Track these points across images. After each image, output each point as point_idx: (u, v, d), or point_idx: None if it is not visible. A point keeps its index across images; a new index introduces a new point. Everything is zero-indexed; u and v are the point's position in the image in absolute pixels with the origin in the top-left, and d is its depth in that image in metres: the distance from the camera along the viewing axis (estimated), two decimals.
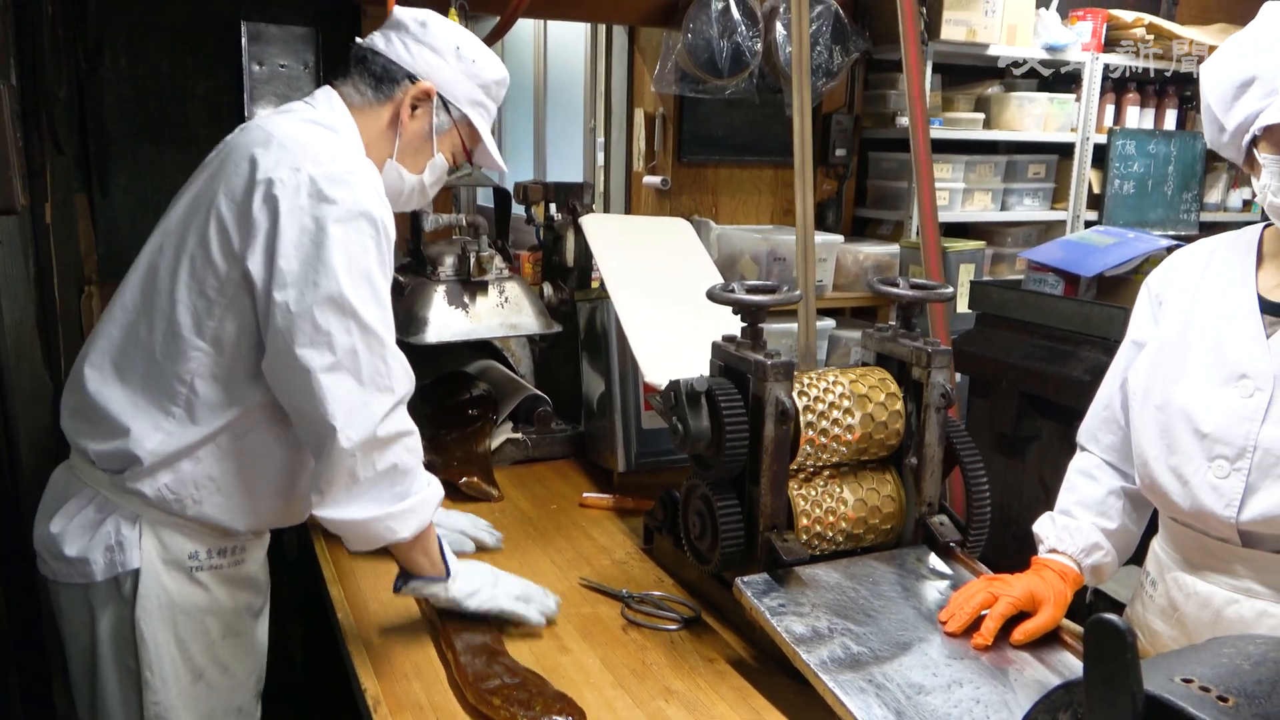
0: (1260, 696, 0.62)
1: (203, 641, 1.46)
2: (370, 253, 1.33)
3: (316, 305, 1.29)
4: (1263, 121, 1.24)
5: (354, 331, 1.31)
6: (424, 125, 1.54)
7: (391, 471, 1.35)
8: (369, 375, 1.32)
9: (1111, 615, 0.62)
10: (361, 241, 1.33)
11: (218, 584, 1.47)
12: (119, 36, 3.15)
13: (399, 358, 1.37)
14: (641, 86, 3.76)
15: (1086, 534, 1.48)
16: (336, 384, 1.30)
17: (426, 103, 1.53)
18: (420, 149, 1.56)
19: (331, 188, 1.32)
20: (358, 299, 1.31)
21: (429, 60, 1.53)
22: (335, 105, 1.50)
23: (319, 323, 1.29)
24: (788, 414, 1.48)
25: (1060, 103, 4.13)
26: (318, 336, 1.29)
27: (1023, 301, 2.87)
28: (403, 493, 1.37)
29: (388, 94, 1.51)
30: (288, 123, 1.42)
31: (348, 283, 1.30)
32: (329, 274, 1.29)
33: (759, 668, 1.47)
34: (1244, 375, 1.30)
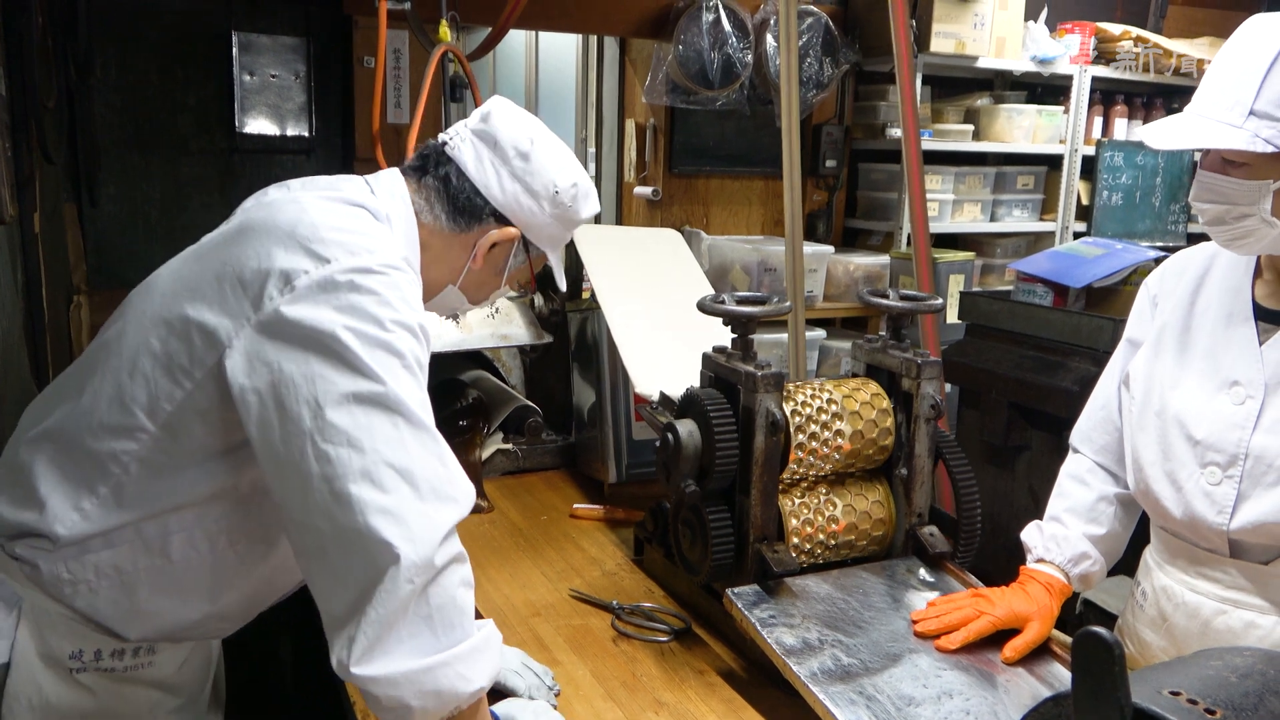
0: (1247, 709, 0.62)
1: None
2: (409, 357, 1.12)
3: (353, 403, 1.06)
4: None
5: (403, 428, 1.07)
6: (498, 264, 1.41)
7: (449, 607, 1.07)
8: (427, 478, 1.06)
9: (1099, 629, 0.62)
10: (402, 342, 1.12)
11: (108, 686, 1.25)
12: (109, 47, 3.15)
13: (456, 463, 1.13)
14: (633, 97, 3.77)
15: (1074, 543, 1.49)
16: (383, 488, 1.04)
17: (507, 244, 1.39)
18: (488, 282, 1.44)
19: (366, 281, 1.12)
20: (401, 396, 1.08)
21: (522, 203, 1.36)
22: (397, 195, 1.33)
23: (356, 421, 1.06)
24: (778, 425, 1.48)
25: (1049, 114, 4.16)
26: (356, 435, 1.05)
27: (1012, 312, 2.88)
28: (464, 633, 1.08)
29: (465, 227, 1.36)
30: (325, 203, 1.23)
31: (391, 381, 1.08)
32: (364, 373, 1.07)
33: (749, 679, 1.46)
34: (1236, 382, 1.31)
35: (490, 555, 1.87)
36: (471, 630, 1.09)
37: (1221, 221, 1.26)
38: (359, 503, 1.03)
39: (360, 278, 1.12)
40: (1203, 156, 1.27)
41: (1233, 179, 1.22)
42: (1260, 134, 1.17)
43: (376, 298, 1.12)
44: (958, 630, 1.39)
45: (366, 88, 3.13)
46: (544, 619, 1.63)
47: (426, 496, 1.05)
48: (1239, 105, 1.18)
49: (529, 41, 4.67)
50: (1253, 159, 1.19)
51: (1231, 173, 1.22)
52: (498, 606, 1.67)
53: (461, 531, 2.00)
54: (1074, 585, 1.49)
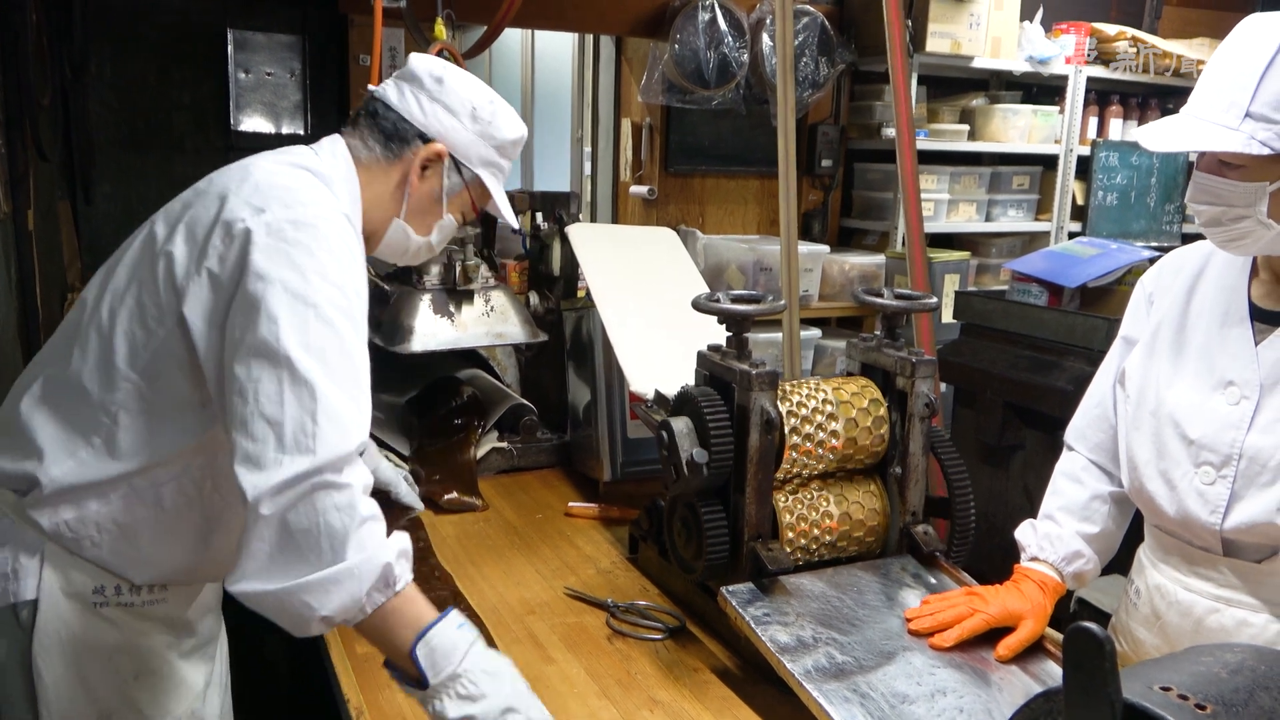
0: (1237, 705, 0.63)
1: (111, 681, 1.34)
2: (327, 307, 1.19)
3: (251, 354, 1.17)
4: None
5: (285, 382, 1.15)
6: (434, 187, 1.48)
7: (308, 535, 1.12)
8: (291, 433, 1.13)
9: (1091, 624, 0.63)
10: (319, 293, 1.19)
11: (130, 620, 1.35)
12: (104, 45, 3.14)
13: (336, 418, 1.16)
14: (628, 96, 3.77)
15: (1068, 542, 1.49)
16: (253, 436, 1.14)
17: (438, 164, 1.47)
18: (429, 210, 1.50)
19: (296, 232, 1.21)
20: (296, 349, 1.16)
21: (443, 120, 1.46)
22: (339, 154, 1.43)
23: (249, 373, 1.16)
24: (772, 423, 1.48)
25: (1044, 114, 4.17)
26: (245, 386, 1.16)
27: (1007, 312, 2.89)
28: (326, 561, 1.12)
29: (397, 153, 1.45)
30: (272, 164, 1.34)
31: (290, 333, 1.16)
32: (271, 321, 1.16)
33: (744, 677, 1.46)
34: (1231, 382, 1.31)
35: (485, 553, 1.87)
36: (341, 558, 1.12)
37: (1218, 223, 1.25)
38: (235, 446, 1.15)
39: (292, 229, 1.22)
40: (1199, 158, 1.27)
41: (1229, 181, 1.22)
42: (1256, 136, 1.16)
43: (304, 248, 1.21)
44: (951, 628, 1.40)
45: (362, 86, 3.12)
46: (539, 617, 1.63)
47: (288, 448, 1.13)
48: (1235, 107, 1.17)
49: (525, 40, 4.67)
50: (1249, 161, 1.19)
51: (1228, 174, 1.22)
52: (492, 604, 1.67)
53: (457, 530, 2.02)
54: (1068, 584, 1.49)
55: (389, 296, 2.16)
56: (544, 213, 2.51)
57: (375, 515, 1.16)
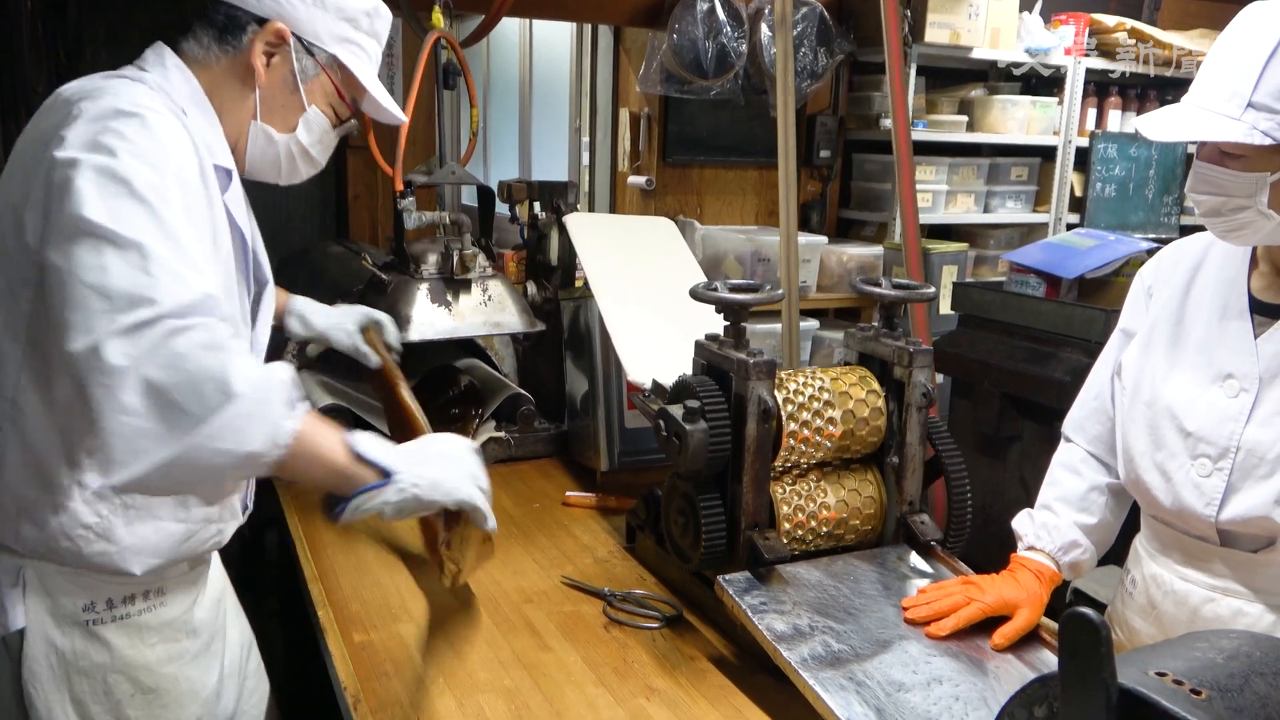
0: (1233, 690, 0.63)
1: (105, 703, 1.29)
2: (141, 186, 1.08)
3: (62, 237, 1.06)
4: None
5: (105, 251, 1.03)
6: (284, 75, 1.32)
7: (181, 385, 0.99)
8: (121, 289, 1.01)
9: (1086, 609, 0.63)
10: (134, 172, 1.08)
11: (124, 636, 1.29)
12: (99, 31, 3.12)
13: (172, 270, 1.04)
14: (627, 86, 3.76)
15: (1065, 532, 1.49)
16: (77, 305, 1.01)
17: (283, 47, 1.30)
18: (287, 103, 1.34)
19: (115, 122, 1.11)
20: (112, 219, 1.05)
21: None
22: (168, 64, 1.29)
23: (65, 256, 1.05)
24: (770, 412, 1.48)
25: (1043, 106, 4.16)
26: (61, 268, 1.05)
27: (1005, 303, 2.89)
28: (216, 403, 1.00)
29: (235, 44, 1.29)
30: (88, 80, 1.22)
31: (99, 208, 1.05)
32: (78, 198, 1.06)
33: (740, 666, 1.47)
34: (1230, 375, 1.31)
35: None
36: (224, 401, 1.00)
37: (1218, 213, 1.25)
38: (62, 329, 1.02)
39: (112, 119, 1.12)
40: (1199, 148, 1.26)
41: (1230, 171, 1.21)
42: (1258, 126, 1.16)
43: (116, 134, 1.10)
44: (948, 617, 1.40)
45: None
46: (536, 606, 1.63)
47: (121, 305, 1.01)
48: (1237, 97, 1.17)
49: (523, 29, 4.65)
50: (1250, 151, 1.19)
51: (1228, 164, 1.22)
52: (489, 593, 1.67)
53: None
54: (1064, 574, 1.50)
55: (386, 286, 2.16)
56: (542, 202, 2.51)
57: (241, 345, 1.06)
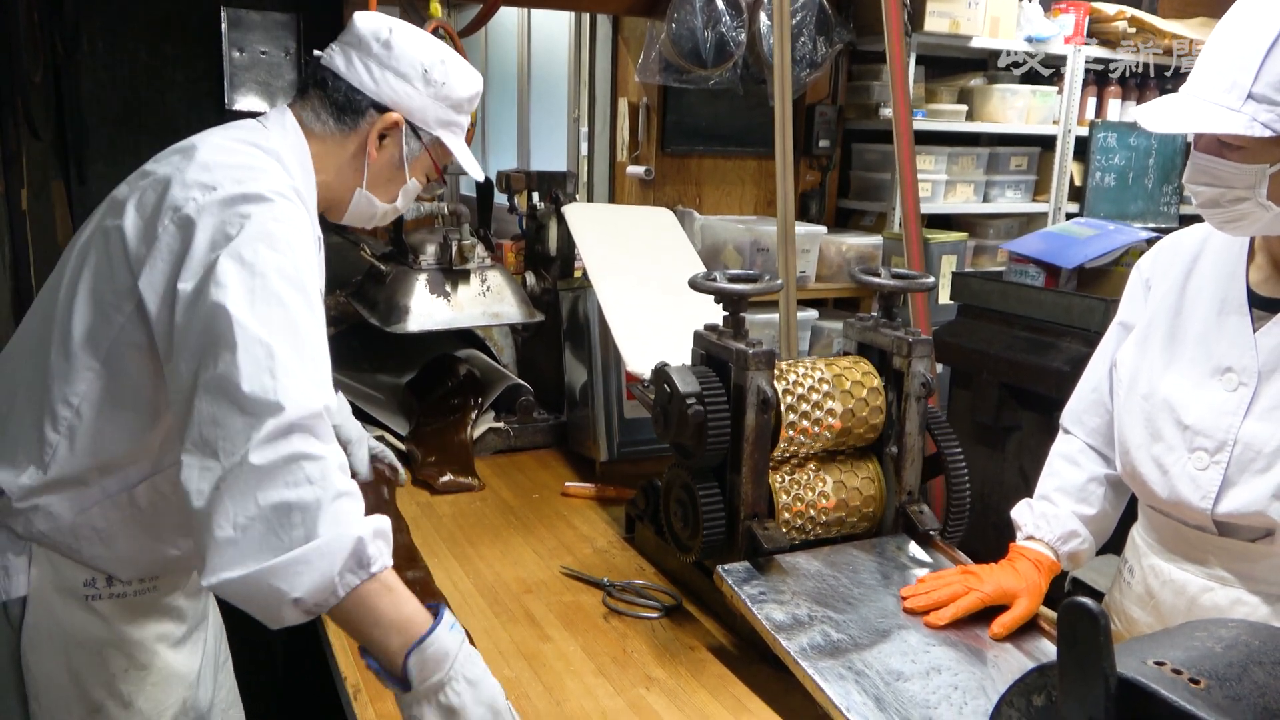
0: (1231, 679, 0.63)
1: (100, 675, 1.34)
2: (274, 277, 1.16)
3: (200, 320, 1.13)
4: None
5: (237, 345, 1.10)
6: (393, 155, 1.46)
7: (277, 512, 1.05)
8: (248, 393, 1.07)
9: (1085, 599, 0.63)
10: (268, 263, 1.16)
11: (120, 613, 1.34)
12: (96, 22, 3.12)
13: (295, 374, 1.10)
14: (625, 76, 3.75)
15: (1064, 521, 1.49)
16: (205, 405, 1.09)
17: (395, 132, 1.44)
18: (392, 178, 1.48)
19: (245, 205, 1.19)
20: (244, 311, 1.12)
21: (395, 87, 1.42)
22: (288, 127, 1.40)
23: (200, 339, 1.12)
24: (769, 403, 1.48)
25: (1042, 95, 4.15)
26: (195, 352, 1.12)
27: (1004, 293, 2.89)
28: (298, 538, 1.05)
29: (352, 125, 1.42)
30: (219, 139, 1.31)
31: (239, 298, 1.12)
32: (219, 288, 1.12)
33: (739, 655, 1.47)
34: (1229, 369, 1.31)
35: (482, 533, 1.88)
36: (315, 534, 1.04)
37: (1216, 204, 1.24)
38: (191, 419, 1.09)
39: (242, 204, 1.19)
40: (1197, 138, 1.25)
41: (1229, 162, 1.20)
42: (1258, 118, 1.15)
43: (254, 221, 1.18)
44: (946, 606, 1.40)
45: None
46: (536, 596, 1.64)
47: (250, 409, 1.07)
48: (1237, 88, 1.16)
49: (521, 19, 4.64)
50: (1249, 142, 1.18)
51: (1227, 155, 1.20)
52: (489, 583, 1.67)
53: (453, 510, 2.02)
54: (1063, 564, 1.50)
55: (385, 276, 2.15)
56: (540, 193, 2.50)
57: (351, 492, 1.10)
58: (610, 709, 1.33)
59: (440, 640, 1.08)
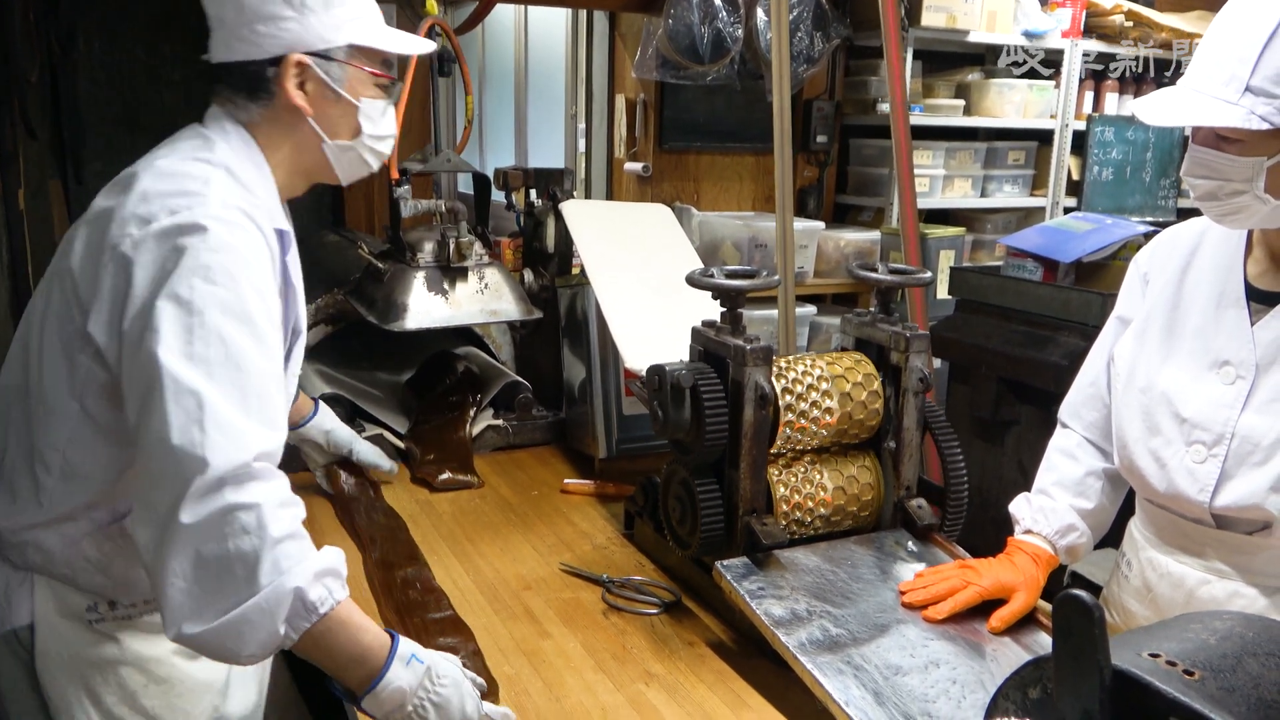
0: (1225, 670, 0.63)
1: (120, 694, 1.31)
2: (213, 312, 1.13)
3: (139, 369, 1.12)
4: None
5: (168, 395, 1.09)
6: (324, 91, 1.32)
7: (219, 565, 1.05)
8: (176, 447, 1.07)
9: (1080, 591, 0.63)
10: (205, 298, 1.13)
11: (130, 633, 1.32)
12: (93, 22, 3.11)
13: (225, 426, 1.08)
14: (623, 72, 3.75)
15: (1062, 515, 1.50)
16: (142, 459, 1.10)
17: (306, 71, 1.30)
18: (343, 112, 1.35)
19: (181, 238, 1.15)
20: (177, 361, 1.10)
21: (269, 33, 1.29)
22: (228, 130, 1.32)
23: (138, 389, 1.12)
24: (767, 398, 1.48)
25: (1040, 89, 4.15)
26: (136, 403, 1.12)
27: (1002, 287, 2.89)
28: (242, 591, 1.05)
29: (267, 95, 1.31)
30: (163, 163, 1.25)
31: (172, 344, 1.10)
32: (153, 333, 1.11)
33: (739, 650, 1.47)
34: (1226, 362, 1.31)
35: (481, 530, 1.88)
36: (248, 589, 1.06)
37: (1214, 197, 1.24)
38: (137, 472, 1.12)
39: (177, 236, 1.15)
40: (1194, 131, 1.25)
41: (1226, 155, 1.20)
42: (1256, 110, 1.15)
43: (190, 254, 1.14)
44: (944, 601, 1.41)
45: None
46: (535, 592, 1.64)
47: (176, 464, 1.07)
48: (1235, 81, 1.16)
49: (518, 16, 4.63)
50: (1247, 135, 1.18)
51: (1225, 148, 1.21)
52: (489, 580, 1.68)
53: (453, 507, 2.02)
54: (1061, 557, 1.50)
55: (383, 274, 2.15)
56: (538, 189, 2.50)
57: (292, 534, 1.09)
58: (610, 705, 1.33)
59: (395, 680, 1.13)
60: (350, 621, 1.13)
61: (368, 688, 1.12)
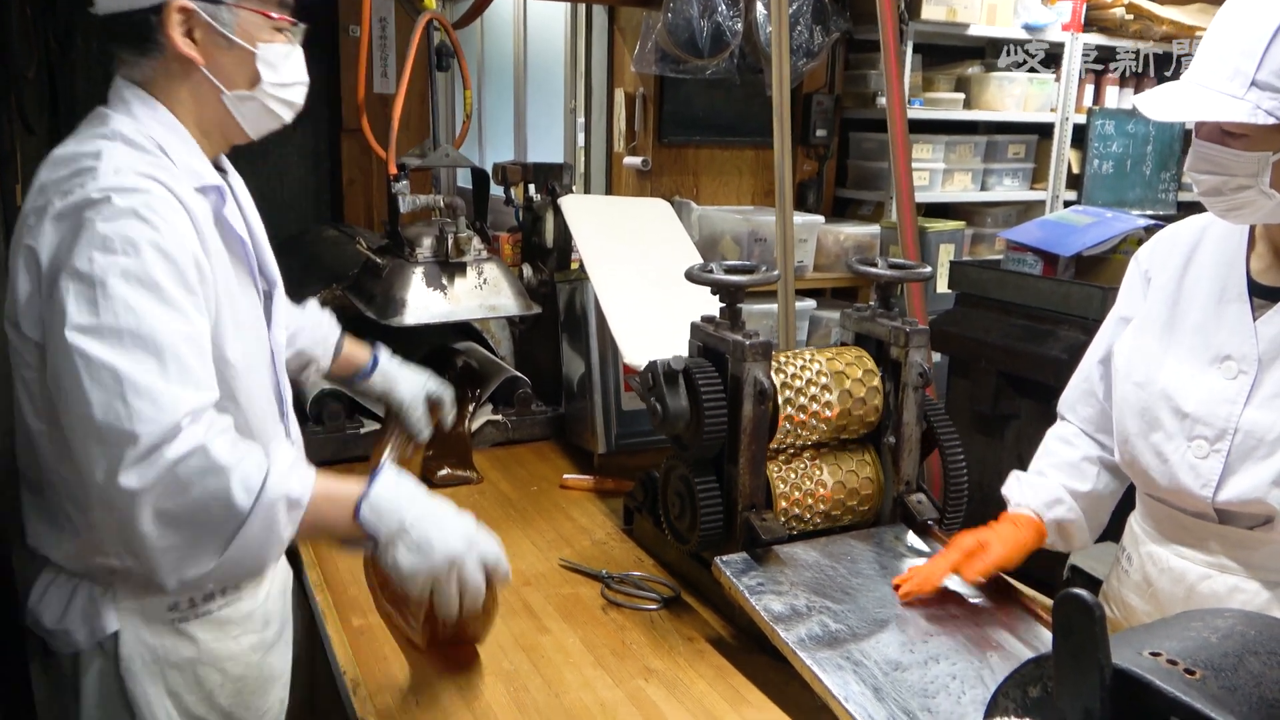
0: (1227, 669, 0.63)
1: (198, 692, 1.35)
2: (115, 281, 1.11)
3: (53, 355, 1.12)
4: None
5: (82, 374, 1.09)
6: (214, 38, 1.26)
7: (193, 513, 1.10)
8: (101, 424, 1.08)
9: (1080, 590, 0.63)
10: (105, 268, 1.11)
11: (209, 631, 1.35)
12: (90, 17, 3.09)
13: (146, 393, 1.08)
14: (622, 67, 3.74)
15: (1050, 489, 1.50)
16: (79, 449, 1.10)
17: (191, 18, 1.24)
18: (238, 59, 1.28)
19: (77, 217, 1.14)
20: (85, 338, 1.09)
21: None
22: (127, 97, 1.27)
23: (55, 374, 1.12)
24: (766, 394, 1.48)
25: (1040, 82, 4.13)
26: (57, 389, 1.12)
27: (1002, 281, 2.89)
28: (229, 523, 1.11)
29: (156, 47, 1.24)
30: (57, 152, 1.23)
31: (78, 321, 1.10)
32: (60, 314, 1.10)
33: (738, 646, 1.47)
34: (1228, 357, 1.30)
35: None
36: (233, 518, 1.11)
37: (1219, 192, 1.24)
38: (79, 457, 1.11)
39: (74, 214, 1.14)
40: (1198, 126, 1.24)
41: (1231, 150, 1.19)
42: (1262, 105, 1.14)
43: (87, 228, 1.13)
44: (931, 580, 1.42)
45: (352, 57, 3.09)
46: (534, 588, 1.64)
47: (110, 441, 1.08)
48: (1240, 75, 1.15)
49: (516, 10, 4.62)
50: (1253, 130, 1.17)
51: (1230, 144, 1.20)
52: None
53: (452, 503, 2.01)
54: (1050, 532, 1.50)
55: (381, 269, 2.15)
56: (537, 184, 2.49)
57: (242, 453, 1.12)
58: (609, 700, 1.33)
59: (384, 490, 1.21)
60: (330, 489, 1.20)
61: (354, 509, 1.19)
